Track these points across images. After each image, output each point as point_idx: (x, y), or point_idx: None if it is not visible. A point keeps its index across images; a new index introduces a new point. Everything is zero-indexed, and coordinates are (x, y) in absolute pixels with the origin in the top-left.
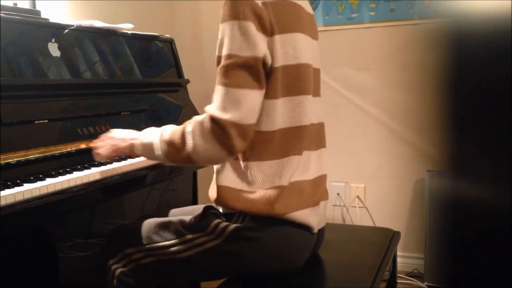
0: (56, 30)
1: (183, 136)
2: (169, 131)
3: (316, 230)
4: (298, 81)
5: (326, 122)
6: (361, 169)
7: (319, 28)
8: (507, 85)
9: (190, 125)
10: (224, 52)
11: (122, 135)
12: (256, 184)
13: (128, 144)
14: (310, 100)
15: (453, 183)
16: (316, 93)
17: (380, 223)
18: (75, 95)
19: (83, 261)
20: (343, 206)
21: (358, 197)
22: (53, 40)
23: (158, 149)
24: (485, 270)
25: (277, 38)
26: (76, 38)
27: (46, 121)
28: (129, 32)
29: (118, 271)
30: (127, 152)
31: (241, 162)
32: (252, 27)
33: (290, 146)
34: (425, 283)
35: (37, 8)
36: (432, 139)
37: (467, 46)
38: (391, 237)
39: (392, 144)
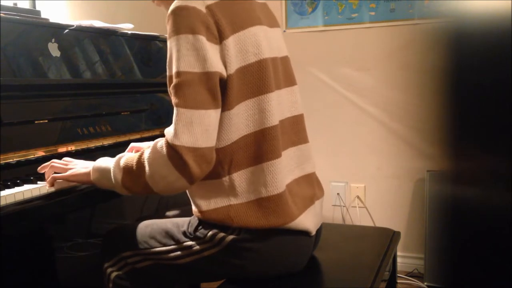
0: (56, 30)
1: (139, 162)
2: (126, 157)
3: (314, 233)
4: (260, 79)
5: (325, 122)
6: (361, 169)
7: (319, 28)
8: (507, 85)
9: (147, 151)
10: (174, 69)
11: (84, 163)
12: (243, 194)
13: (87, 171)
14: (275, 98)
15: (453, 183)
16: (288, 83)
17: (380, 223)
18: (75, 95)
19: (82, 261)
20: (343, 206)
21: (358, 197)
22: (53, 40)
23: (114, 177)
24: (485, 270)
25: (231, 40)
26: (76, 38)
27: (46, 121)
28: (129, 32)
29: (113, 274)
30: (84, 179)
31: (224, 178)
32: (201, 39)
33: (264, 149)
34: (425, 283)
35: (37, 8)
36: (432, 139)
37: (467, 46)
38: (391, 237)
39: (392, 144)
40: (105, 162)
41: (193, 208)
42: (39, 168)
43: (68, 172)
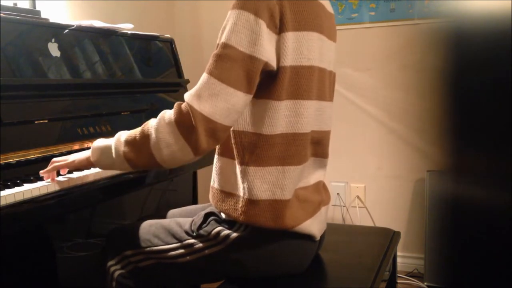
0: (56, 30)
1: (143, 132)
2: (126, 132)
3: (318, 238)
4: (306, 84)
5: None
6: (361, 169)
7: None
8: (507, 85)
9: (153, 120)
10: (222, 39)
11: (83, 151)
12: (255, 191)
13: (87, 155)
14: (314, 106)
15: (453, 183)
16: (330, 97)
17: (380, 223)
18: (75, 95)
19: (82, 261)
20: (343, 206)
21: (358, 197)
22: (53, 40)
23: (115, 151)
24: (485, 270)
25: (290, 35)
26: (76, 38)
27: (46, 121)
28: (129, 32)
29: (117, 273)
30: (84, 163)
31: (239, 166)
32: (262, 25)
33: (290, 153)
34: (425, 283)
35: (37, 8)
36: (432, 139)
37: (467, 46)
38: (391, 237)
39: (392, 144)
40: (105, 141)
41: (212, 184)
42: (41, 172)
43: (69, 160)
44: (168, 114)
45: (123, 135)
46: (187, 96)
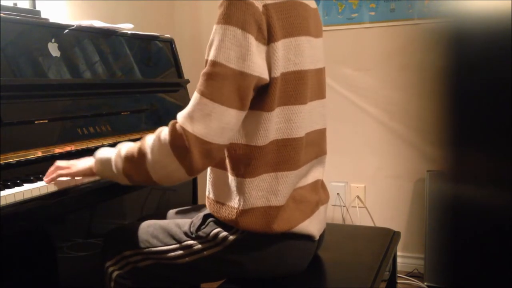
0: (56, 30)
1: (140, 150)
2: (127, 146)
3: (317, 238)
4: (296, 89)
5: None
6: (361, 169)
7: None
8: (507, 85)
9: (150, 138)
10: (210, 57)
11: (86, 159)
12: (251, 200)
13: (90, 165)
14: (306, 110)
15: (453, 183)
16: (320, 96)
17: (380, 223)
18: (75, 95)
19: (82, 261)
20: (343, 206)
21: (358, 197)
22: (53, 40)
23: (115, 166)
24: (485, 270)
25: (280, 44)
26: (76, 38)
27: (46, 121)
28: (129, 32)
29: (115, 273)
30: (88, 172)
31: (235, 178)
32: (249, 38)
33: (283, 159)
34: (425, 283)
35: (37, 8)
36: (432, 139)
37: (467, 46)
38: (391, 237)
39: (392, 144)
40: (107, 153)
41: (207, 195)
42: (45, 178)
43: (72, 170)
44: (163, 135)
45: (123, 150)
46: (179, 117)
